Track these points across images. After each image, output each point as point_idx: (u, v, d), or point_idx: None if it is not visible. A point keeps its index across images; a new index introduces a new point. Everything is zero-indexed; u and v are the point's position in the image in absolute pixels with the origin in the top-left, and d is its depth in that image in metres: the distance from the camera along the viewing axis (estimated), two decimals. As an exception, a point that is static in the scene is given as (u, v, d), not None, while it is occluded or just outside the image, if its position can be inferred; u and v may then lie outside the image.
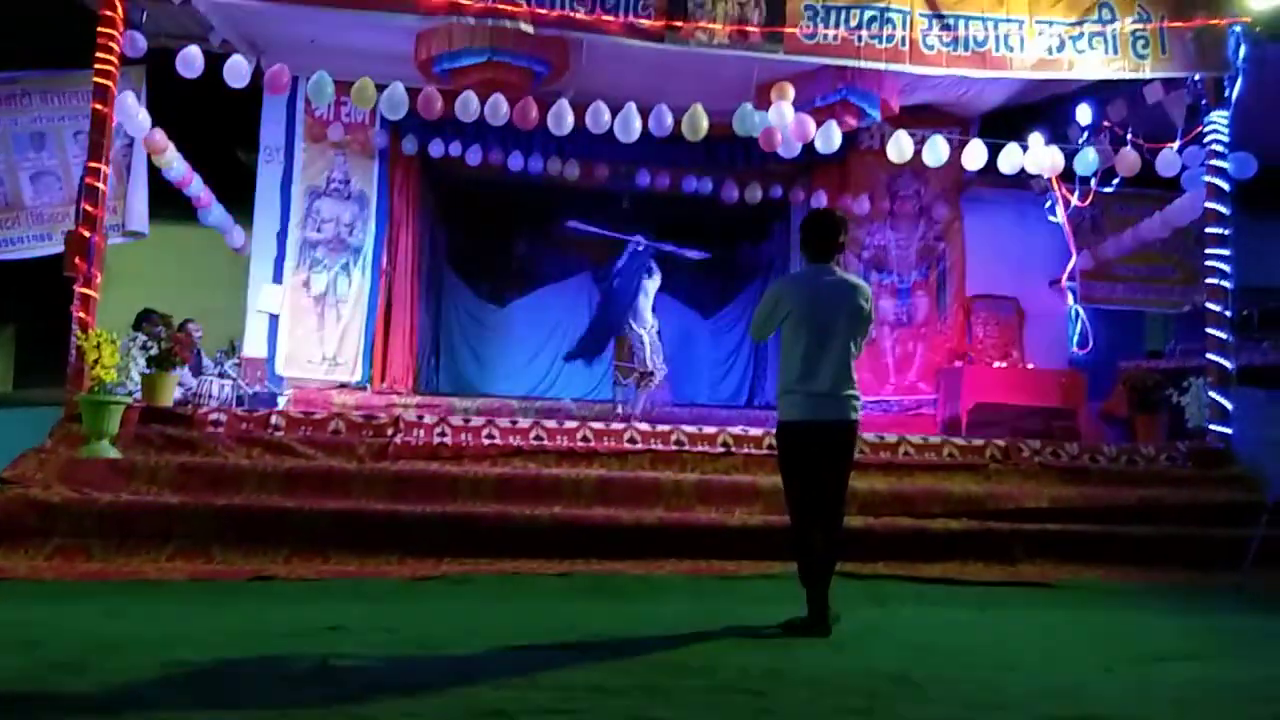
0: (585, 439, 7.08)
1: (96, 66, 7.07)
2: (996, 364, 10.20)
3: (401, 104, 8.19)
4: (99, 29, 7.08)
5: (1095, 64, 7.97)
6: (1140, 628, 4.64)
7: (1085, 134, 9.26)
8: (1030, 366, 10.24)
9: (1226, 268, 8.03)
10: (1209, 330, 8.03)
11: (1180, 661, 3.90)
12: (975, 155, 8.74)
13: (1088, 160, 8.76)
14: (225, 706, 2.86)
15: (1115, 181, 9.34)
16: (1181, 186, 8.81)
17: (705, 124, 8.22)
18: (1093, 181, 9.39)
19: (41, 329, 13.52)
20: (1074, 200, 9.73)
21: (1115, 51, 7.90)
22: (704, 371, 13.16)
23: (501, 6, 7.25)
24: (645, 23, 7.40)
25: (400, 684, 3.14)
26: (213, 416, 6.96)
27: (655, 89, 8.39)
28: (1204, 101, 8.31)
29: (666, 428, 7.33)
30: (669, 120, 8.24)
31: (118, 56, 7.19)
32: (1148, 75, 8.19)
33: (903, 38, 7.65)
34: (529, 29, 7.38)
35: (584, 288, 13.19)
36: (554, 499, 6.28)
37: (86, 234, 6.93)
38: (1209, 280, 8.13)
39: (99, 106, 7.06)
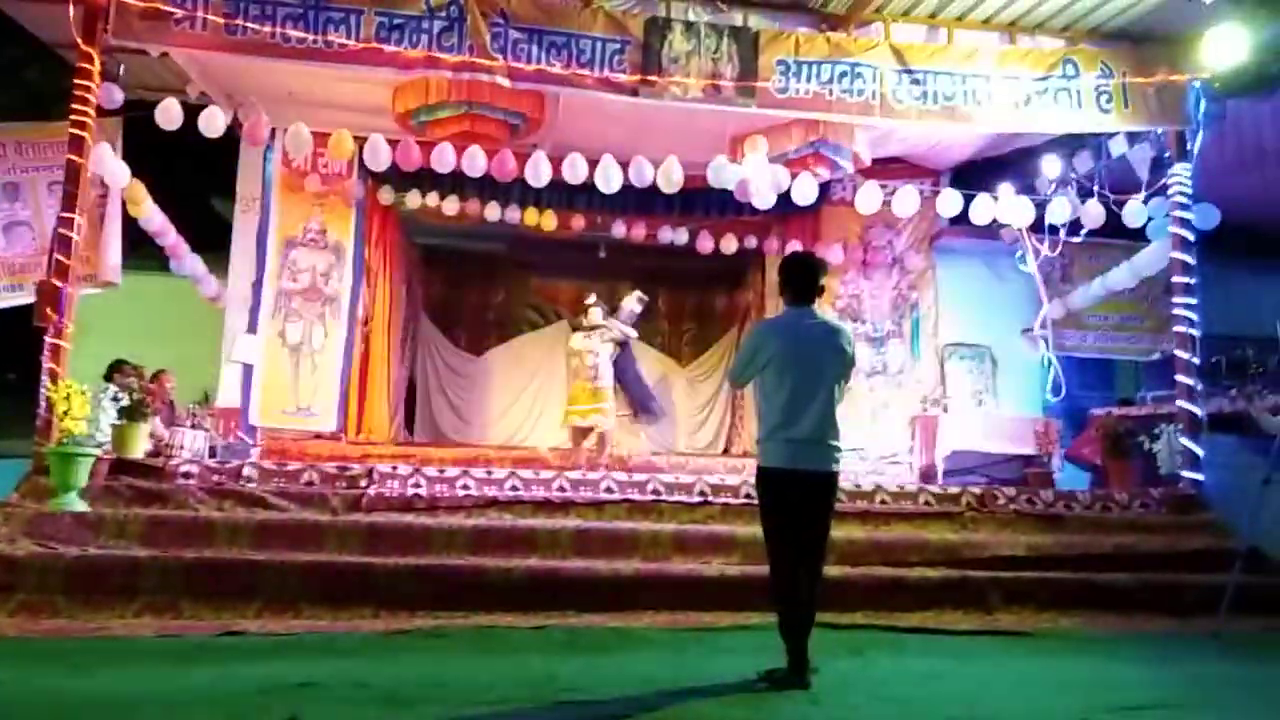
0: (561, 489, 7.04)
1: (72, 118, 7.06)
2: (971, 412, 10.26)
3: (381, 156, 8.24)
4: (75, 81, 7.09)
5: (1060, 118, 8.15)
6: (1117, 676, 4.63)
7: (1053, 186, 9.43)
8: (1005, 413, 10.31)
9: (1194, 316, 8.16)
10: (1178, 377, 8.13)
11: (1157, 710, 3.90)
12: (949, 204, 8.89)
13: (1060, 210, 8.92)
14: (191, 768, 2.80)
15: (1083, 232, 9.51)
16: (1147, 237, 8.97)
17: (680, 176, 8.32)
18: (1062, 232, 9.55)
19: (8, 381, 13.38)
20: (1044, 250, 9.87)
21: (1080, 106, 8.09)
22: (680, 420, 13.15)
23: (478, 61, 7.33)
24: (620, 77, 7.50)
25: (371, 742, 3.08)
26: (184, 468, 6.87)
27: (631, 142, 8.49)
28: (1167, 154, 8.51)
29: (643, 477, 7.31)
30: (647, 171, 8.33)
31: (94, 108, 7.20)
32: (1111, 129, 8.41)
33: (874, 91, 7.79)
34: (506, 83, 7.46)
35: (560, 337, 13.20)
36: (529, 550, 6.23)
37: (59, 284, 6.88)
38: (1177, 328, 8.25)
39: (74, 157, 7.05)
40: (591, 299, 10.28)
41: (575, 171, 8.34)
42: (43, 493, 6.27)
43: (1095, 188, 8.98)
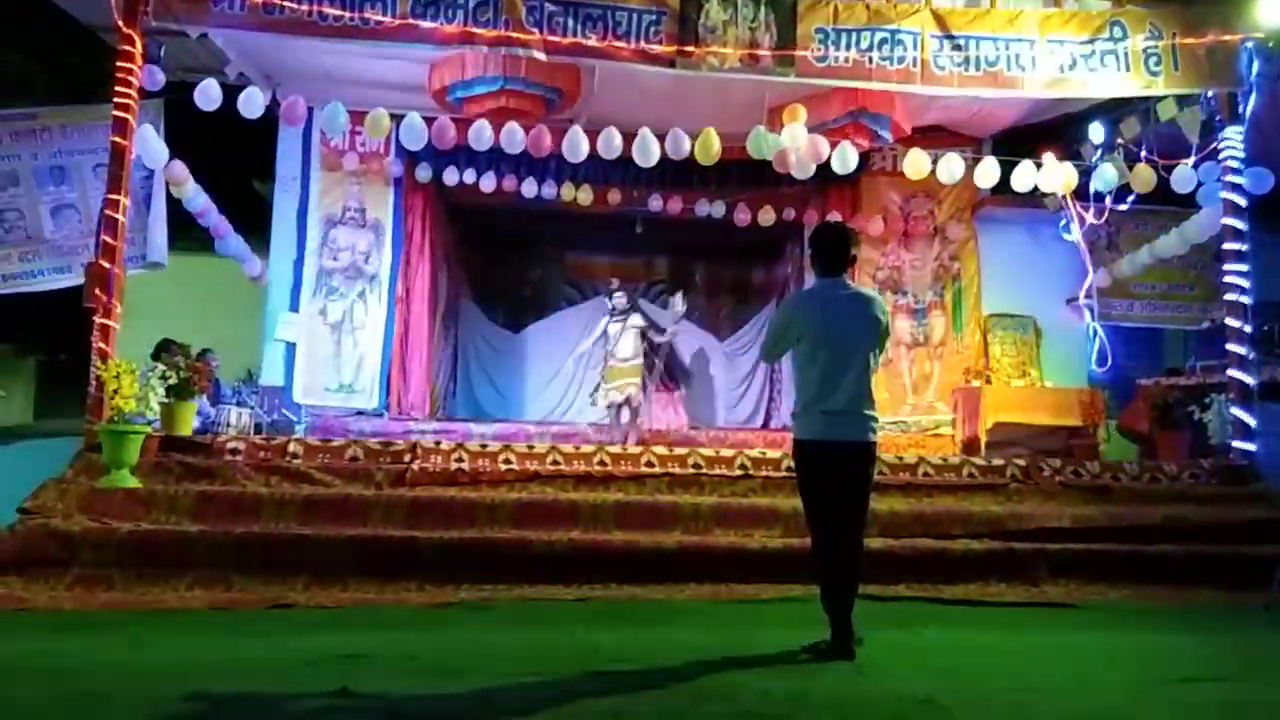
0: (602, 463, 7.07)
1: (115, 100, 7.16)
2: (1015, 383, 10.13)
3: (417, 133, 8.26)
4: (117, 64, 7.18)
5: (1108, 82, 7.97)
6: (1167, 649, 4.57)
7: (1099, 152, 9.23)
8: (1049, 385, 10.17)
9: (1245, 283, 7.98)
10: (1229, 346, 7.96)
11: (1208, 683, 3.84)
12: (989, 173, 8.74)
13: (1106, 176, 8.73)
14: (246, 736, 2.86)
15: (1130, 199, 9.31)
16: (1197, 203, 8.77)
17: (718, 147, 8.24)
18: (1108, 199, 9.37)
19: (62, 361, 13.68)
20: (1089, 218, 9.69)
21: (1128, 69, 7.90)
22: (720, 394, 13.13)
23: (514, 35, 7.31)
24: (656, 48, 7.44)
25: (419, 712, 3.12)
26: (231, 445, 6.99)
27: (668, 114, 8.42)
28: (1218, 117, 8.29)
29: (684, 451, 7.31)
30: (685, 144, 8.27)
31: (136, 90, 7.28)
32: (1161, 92, 8.18)
33: (914, 59, 7.67)
34: (541, 57, 7.43)
35: (599, 312, 13.21)
36: (571, 524, 6.26)
37: (106, 265, 6.99)
38: (1228, 296, 8.08)
39: (118, 139, 7.15)
40: (614, 284, 10.83)
41: (611, 145, 8.30)
42: (95, 470, 6.40)
43: (1142, 153, 8.78)
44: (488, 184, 10.12)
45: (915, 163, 8.52)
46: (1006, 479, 7.25)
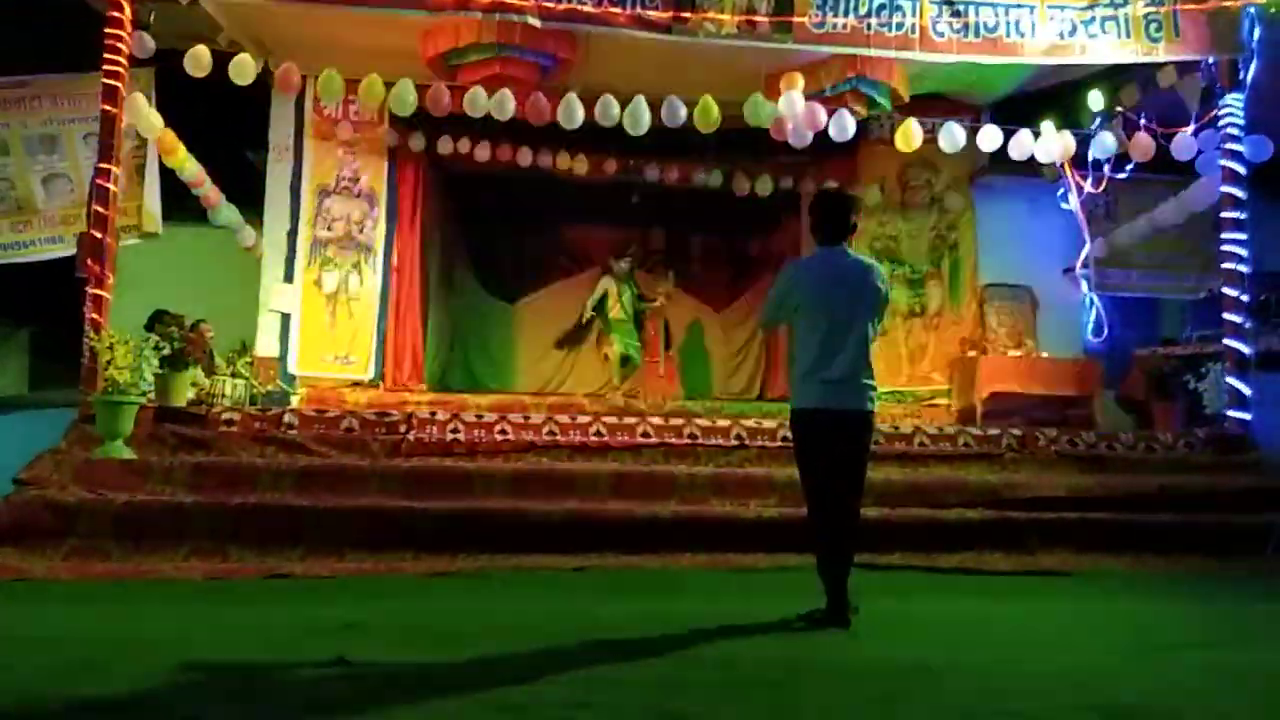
0: (599, 434, 7.07)
1: (105, 68, 7.09)
2: (1011, 353, 10.12)
3: (410, 101, 8.18)
4: (107, 30, 7.10)
5: (1108, 48, 7.90)
6: (1160, 616, 4.60)
7: (1098, 120, 9.16)
8: (1045, 355, 10.17)
9: (1243, 252, 7.96)
10: (1226, 315, 7.96)
11: (1200, 649, 3.87)
12: (990, 139, 8.67)
13: (1104, 144, 8.68)
14: (244, 704, 2.86)
15: (1129, 167, 9.26)
16: (1196, 171, 8.73)
17: (716, 114, 8.17)
18: (1106, 167, 9.31)
19: (55, 331, 13.60)
20: (1087, 187, 9.64)
21: (1128, 35, 7.83)
22: (716, 365, 13.11)
23: (509, 1, 7.23)
24: (653, 14, 7.37)
25: (417, 681, 3.13)
26: (226, 416, 6.98)
27: (664, 81, 8.34)
28: (1218, 85, 8.23)
29: (679, 421, 7.32)
30: (681, 112, 8.19)
31: (126, 58, 7.20)
32: (1161, 59, 8.11)
33: (912, 25, 7.60)
34: (536, 23, 7.36)
35: (594, 283, 13.17)
36: (568, 494, 6.27)
37: (98, 236, 6.95)
38: (1226, 265, 8.06)
39: (108, 108, 7.08)
40: (631, 248, 11.83)
41: (608, 113, 8.22)
42: (90, 440, 6.39)
43: (1142, 121, 8.72)
44: (482, 153, 10.03)
45: (908, 134, 8.46)
46: (1002, 449, 7.27)
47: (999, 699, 3.00)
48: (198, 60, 7.62)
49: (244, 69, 7.84)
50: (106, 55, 7.08)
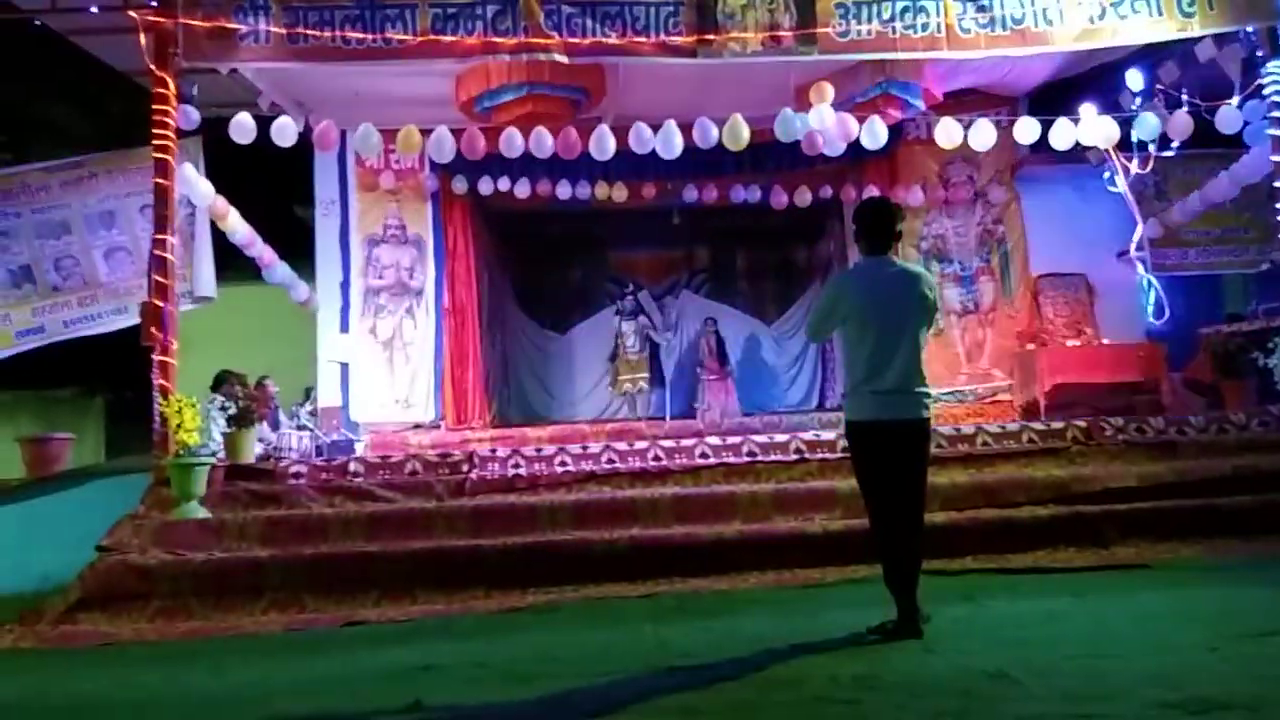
0: (657, 458, 7.08)
1: (154, 143, 7.34)
2: (1070, 343, 9.96)
3: (448, 147, 8.35)
4: (153, 106, 7.35)
5: (1140, 28, 7.76)
6: (1244, 602, 4.47)
7: (1138, 100, 9.01)
8: (1106, 342, 9.98)
9: (1302, 220, 7.75)
10: (1290, 287, 7.74)
11: (1287, 635, 3.75)
12: (1027, 131, 8.58)
13: (1148, 125, 8.53)
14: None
15: (1174, 144, 9.08)
16: (1245, 143, 8.53)
17: (746, 133, 8.20)
18: (1151, 147, 9.14)
19: (127, 399, 14.05)
20: (1133, 168, 9.47)
21: (1160, 13, 7.69)
22: (772, 378, 13.09)
23: (534, 40, 7.35)
24: (677, 40, 7.43)
25: (492, 719, 3.17)
26: (294, 469, 7.13)
27: (694, 103, 8.41)
28: (1259, 53, 8.03)
29: (737, 439, 7.31)
30: (713, 133, 8.24)
31: (174, 131, 7.45)
32: (1196, 33, 7.93)
33: (938, 24, 7.55)
34: (563, 59, 7.46)
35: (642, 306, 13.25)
36: (631, 521, 6.29)
37: (159, 304, 7.18)
38: (1284, 235, 7.84)
39: (160, 180, 7.33)
40: (629, 287, 12.57)
41: (641, 140, 8.31)
42: (166, 503, 6.58)
43: (1184, 97, 8.55)
44: (522, 190, 10.20)
45: (947, 131, 8.40)
46: (1068, 441, 7.13)
47: (1077, 703, 2.95)
48: (242, 128, 7.86)
49: (285, 131, 8.08)
50: (155, 130, 7.32)
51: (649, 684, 3.52)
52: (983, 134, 8.50)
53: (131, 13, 7.44)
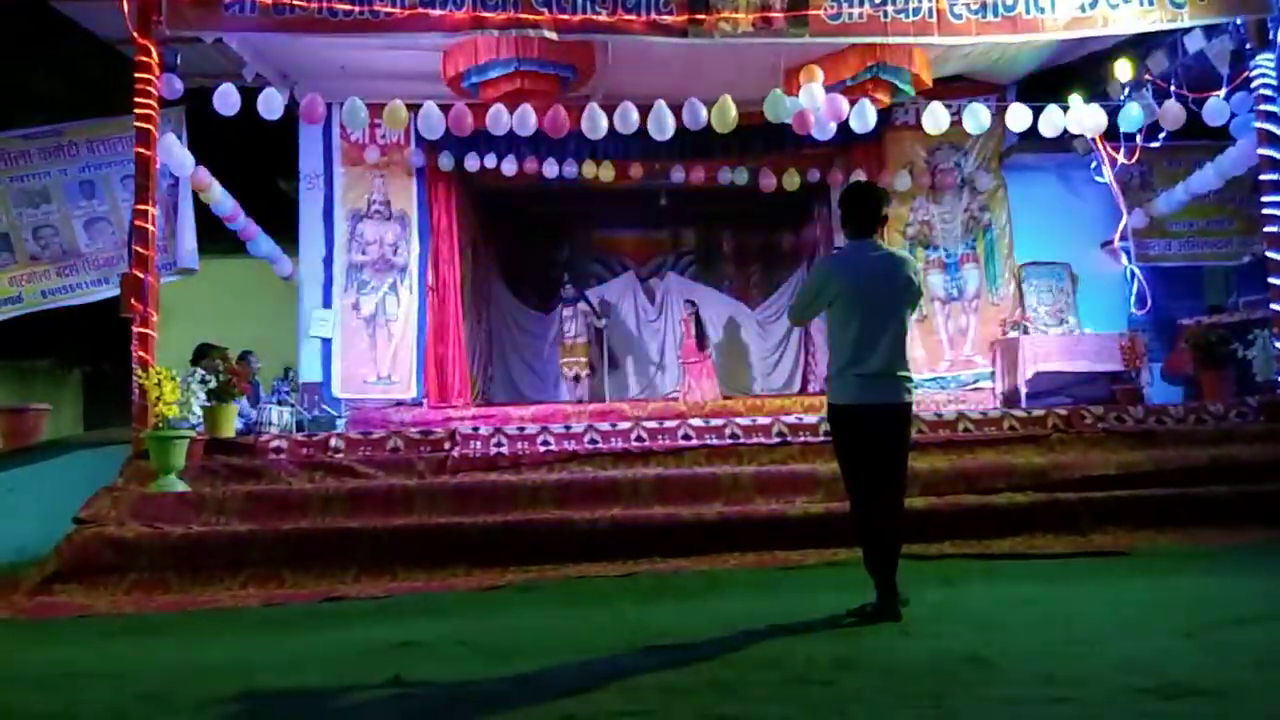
0: (640, 439, 7.10)
1: (136, 111, 7.24)
2: (1053, 331, 10.01)
3: (435, 122, 8.28)
4: (136, 74, 7.25)
5: (1130, 17, 7.77)
6: (1220, 590, 4.52)
7: (1126, 90, 9.03)
8: (1088, 331, 10.04)
9: (1285, 214, 7.79)
10: (1272, 280, 7.80)
11: (1263, 623, 3.79)
12: (1018, 118, 8.58)
13: (1132, 116, 8.55)
14: (304, 729, 2.92)
15: (1161, 136, 9.12)
16: (1231, 135, 8.57)
17: (734, 114, 8.17)
18: (1138, 138, 9.18)
19: (106, 371, 13.95)
20: (1120, 159, 9.50)
21: (1150, 3, 7.70)
22: (754, 362, 13.11)
23: (524, 16, 7.28)
24: (667, 19, 7.38)
25: (472, 697, 3.17)
26: (274, 444, 7.10)
27: (683, 84, 8.37)
28: (1248, 46, 8.07)
29: (720, 421, 7.32)
30: (702, 114, 8.21)
31: (156, 100, 7.36)
32: (1186, 24, 7.95)
33: (929, 9, 7.53)
34: (553, 36, 7.40)
35: (627, 288, 13.22)
36: (613, 501, 6.30)
37: (140, 275, 7.10)
38: (1268, 229, 7.90)
39: (142, 150, 7.24)
40: (565, 278, 12.45)
41: (629, 120, 8.26)
42: (144, 476, 6.54)
43: (1172, 88, 8.57)
44: (509, 168, 10.13)
45: (935, 117, 8.40)
46: (1048, 429, 7.18)
47: (1052, 687, 2.98)
48: (227, 99, 7.77)
49: (272, 103, 7.99)
50: (137, 99, 7.22)
51: (628, 663, 3.53)
52: (976, 118, 8.50)
53: (114, -23, 7.32)
